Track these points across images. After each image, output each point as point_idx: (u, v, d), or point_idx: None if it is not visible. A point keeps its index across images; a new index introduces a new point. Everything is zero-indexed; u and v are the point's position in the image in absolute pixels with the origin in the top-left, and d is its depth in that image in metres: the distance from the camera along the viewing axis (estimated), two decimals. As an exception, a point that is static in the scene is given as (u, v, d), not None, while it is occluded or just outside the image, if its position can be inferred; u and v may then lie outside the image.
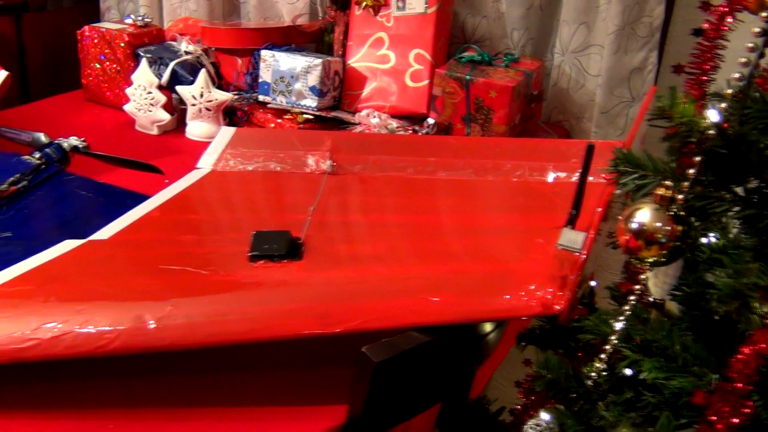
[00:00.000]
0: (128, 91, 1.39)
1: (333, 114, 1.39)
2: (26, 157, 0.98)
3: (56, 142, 1.01)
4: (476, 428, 0.90)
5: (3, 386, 0.71)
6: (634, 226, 0.60)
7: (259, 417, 0.72)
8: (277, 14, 1.71)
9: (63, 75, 1.71)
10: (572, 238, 0.76)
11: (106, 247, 0.81)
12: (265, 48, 1.41)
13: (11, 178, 0.91)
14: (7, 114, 1.36)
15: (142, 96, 1.38)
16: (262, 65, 1.41)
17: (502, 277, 0.72)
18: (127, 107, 1.41)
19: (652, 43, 1.36)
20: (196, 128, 1.40)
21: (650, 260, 0.61)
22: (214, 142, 1.01)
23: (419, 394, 0.76)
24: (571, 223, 0.78)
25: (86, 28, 1.47)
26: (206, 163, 0.97)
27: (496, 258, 0.77)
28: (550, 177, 0.90)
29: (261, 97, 1.42)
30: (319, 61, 1.36)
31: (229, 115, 1.42)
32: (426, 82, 1.38)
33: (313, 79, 1.37)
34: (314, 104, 1.38)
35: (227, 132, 1.03)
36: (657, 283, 0.69)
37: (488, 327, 0.77)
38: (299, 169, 0.95)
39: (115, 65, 1.45)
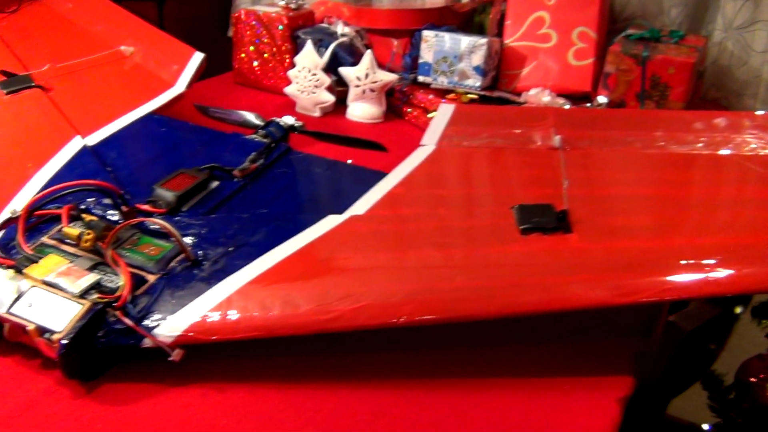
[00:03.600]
0: (291, 73, 1.40)
1: (497, 94, 1.38)
2: (252, 136, 0.98)
3: (275, 121, 1.02)
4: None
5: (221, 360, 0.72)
6: None
7: (548, 388, 0.72)
8: (413, -5, 1.70)
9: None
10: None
11: (368, 221, 0.81)
12: (426, 28, 1.41)
13: (250, 157, 0.92)
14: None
15: (307, 78, 1.38)
16: (423, 45, 1.40)
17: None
18: (288, 89, 1.41)
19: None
20: (357, 109, 1.40)
21: None
22: (435, 120, 1.01)
23: (701, 363, 0.76)
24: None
25: (242, 11, 1.48)
26: (430, 140, 0.97)
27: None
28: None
29: (421, 78, 1.42)
30: (484, 40, 1.36)
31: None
32: (591, 60, 1.37)
33: (478, 58, 1.36)
34: (478, 84, 1.38)
35: (447, 109, 1.03)
36: None
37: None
38: (524, 145, 0.94)
39: (273, 48, 1.46)
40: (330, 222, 0.81)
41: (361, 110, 1.40)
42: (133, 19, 1.26)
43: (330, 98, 1.39)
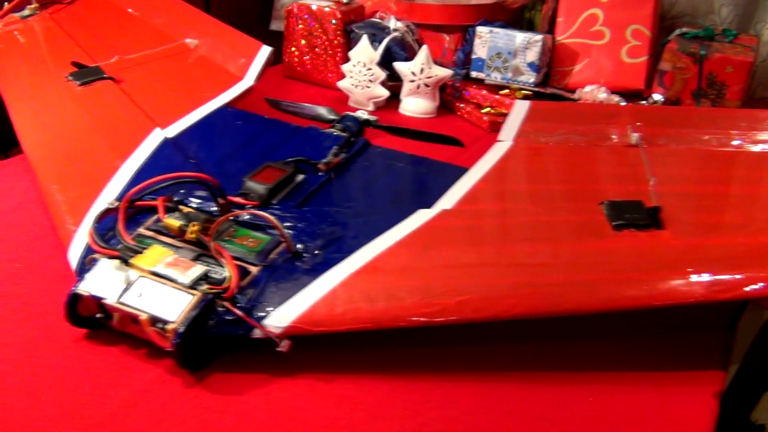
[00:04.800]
0: (345, 67, 1.40)
1: (550, 90, 1.39)
2: (330, 130, 0.99)
3: (351, 115, 1.03)
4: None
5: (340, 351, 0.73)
6: None
7: (644, 381, 0.73)
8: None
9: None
10: None
11: (459, 216, 0.82)
12: (480, 24, 1.42)
13: (332, 150, 0.93)
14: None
15: (361, 72, 1.39)
16: (477, 41, 1.41)
17: None
18: (342, 83, 1.42)
19: None
20: (411, 104, 1.41)
21: None
22: (511, 116, 1.02)
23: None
24: None
25: (294, 5, 1.48)
26: (507, 136, 0.98)
27: None
28: None
29: (474, 74, 1.43)
30: (539, 36, 1.36)
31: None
32: (645, 57, 1.38)
33: (532, 54, 1.37)
34: (531, 80, 1.39)
35: (522, 106, 1.04)
36: None
37: None
38: (602, 141, 0.95)
39: (326, 42, 1.46)
40: (422, 216, 0.82)
41: (415, 105, 1.40)
42: (194, 11, 1.27)
43: (384, 93, 1.40)
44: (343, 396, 0.69)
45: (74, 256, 0.78)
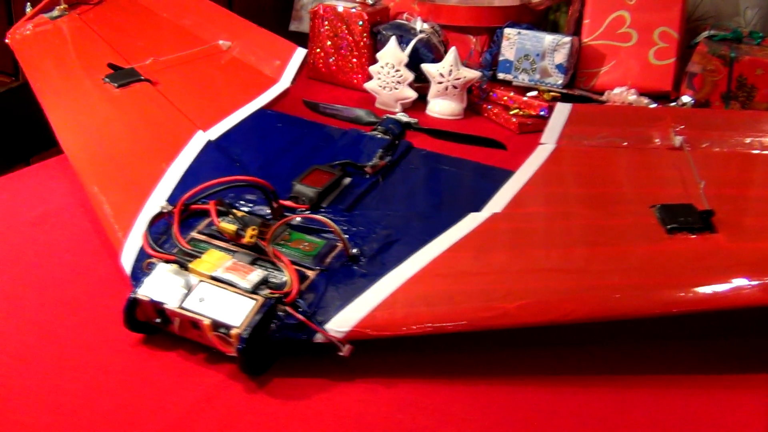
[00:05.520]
0: (373, 68, 1.40)
1: (578, 92, 1.39)
2: (373, 133, 0.99)
3: (392, 117, 1.02)
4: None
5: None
6: None
7: (707, 384, 0.74)
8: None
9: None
10: None
11: (510, 219, 0.82)
12: (508, 26, 1.42)
13: (378, 153, 0.93)
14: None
15: (390, 74, 1.39)
16: (504, 43, 1.41)
17: None
18: (369, 85, 1.42)
19: None
20: (438, 105, 1.41)
21: None
22: (553, 119, 1.02)
23: None
24: None
25: (320, 6, 1.48)
26: (549, 139, 0.98)
27: None
28: None
29: (501, 75, 1.43)
30: (568, 38, 1.37)
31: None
32: (672, 59, 1.38)
33: (561, 56, 1.37)
34: (559, 82, 1.39)
35: (564, 108, 1.04)
36: None
37: None
38: (645, 144, 0.96)
39: (352, 44, 1.46)
40: (473, 219, 0.82)
41: (442, 106, 1.40)
42: (225, 12, 1.27)
43: (412, 94, 1.40)
44: (405, 400, 0.69)
45: (127, 260, 0.77)
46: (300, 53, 1.18)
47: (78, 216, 0.94)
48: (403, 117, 1.03)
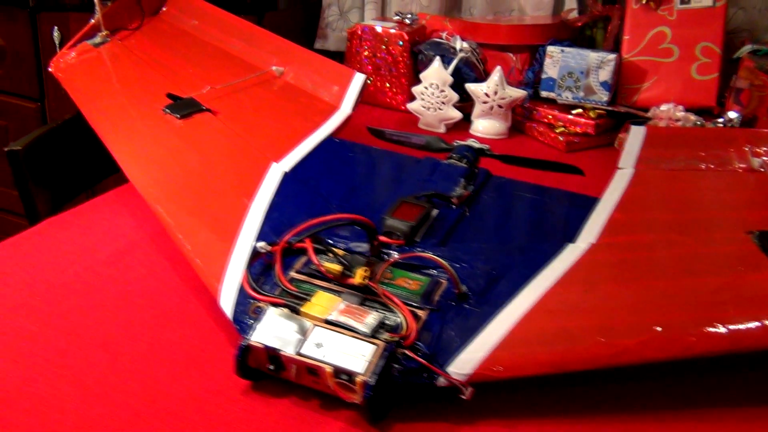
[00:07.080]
0: (416, 89, 1.39)
1: (623, 109, 1.39)
2: (449, 161, 0.97)
3: (464, 144, 1.01)
4: None
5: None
6: None
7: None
8: (508, 8, 1.71)
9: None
10: None
11: (610, 250, 0.81)
12: (551, 44, 1.41)
13: (461, 183, 0.91)
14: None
15: (434, 94, 1.37)
16: (547, 61, 1.41)
17: None
18: (412, 105, 1.41)
19: None
20: (483, 125, 1.40)
21: None
22: (629, 142, 1.01)
23: None
24: None
25: (358, 26, 1.46)
26: (627, 163, 0.97)
27: None
28: None
29: (544, 93, 1.42)
30: (613, 56, 1.37)
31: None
32: (715, 74, 1.39)
33: (606, 74, 1.37)
34: (604, 99, 1.39)
35: (639, 132, 1.03)
36: None
37: None
38: (724, 166, 0.95)
39: (391, 64, 1.45)
40: (573, 251, 0.80)
41: (487, 126, 1.39)
42: (272, 37, 1.24)
43: (457, 115, 1.39)
44: (531, 440, 0.68)
45: (227, 303, 0.75)
46: (359, 78, 1.16)
47: (153, 253, 0.91)
48: (474, 143, 1.01)
